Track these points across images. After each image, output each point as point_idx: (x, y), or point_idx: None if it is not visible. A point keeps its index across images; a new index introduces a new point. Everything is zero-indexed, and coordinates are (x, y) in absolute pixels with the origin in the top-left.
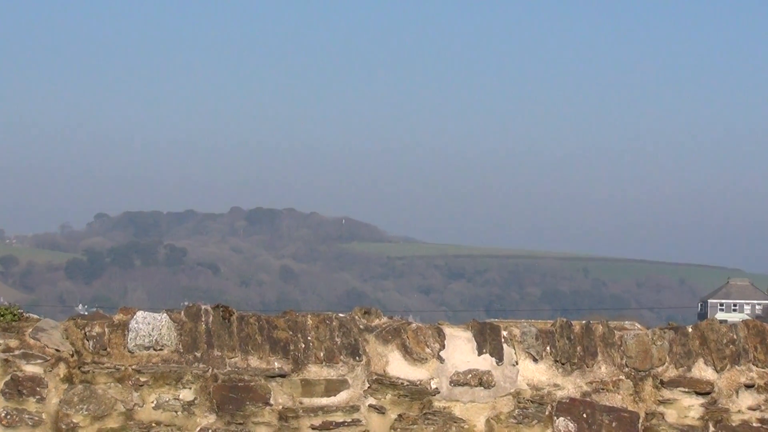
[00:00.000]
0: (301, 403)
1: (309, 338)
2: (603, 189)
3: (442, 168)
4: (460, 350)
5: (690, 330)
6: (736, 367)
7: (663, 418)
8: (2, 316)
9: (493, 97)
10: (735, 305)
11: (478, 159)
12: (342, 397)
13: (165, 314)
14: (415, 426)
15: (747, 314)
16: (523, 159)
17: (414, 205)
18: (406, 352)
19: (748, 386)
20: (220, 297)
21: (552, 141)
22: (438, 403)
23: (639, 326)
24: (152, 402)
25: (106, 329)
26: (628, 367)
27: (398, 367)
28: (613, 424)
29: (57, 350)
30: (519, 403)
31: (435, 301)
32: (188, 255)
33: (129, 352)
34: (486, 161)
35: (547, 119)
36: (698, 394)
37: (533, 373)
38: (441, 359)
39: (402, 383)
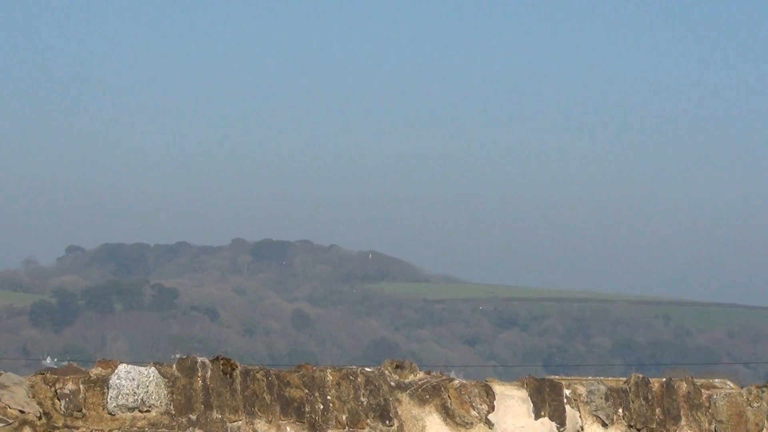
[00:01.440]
0: None
1: (328, 397)
2: (686, 220)
3: (489, 195)
4: (513, 412)
5: None
6: None
7: None
8: None
9: (552, 124)
10: None
11: (532, 185)
12: None
13: (153, 368)
14: None
15: None
16: (588, 185)
17: (456, 238)
18: (448, 414)
19: None
20: (219, 348)
21: (621, 167)
22: None
23: (731, 385)
24: None
25: (81, 386)
26: None
27: None
28: None
29: (21, 411)
30: None
31: (482, 353)
32: (180, 297)
33: (109, 414)
34: (542, 188)
35: (620, 146)
36: None
37: None
38: (490, 423)
39: None
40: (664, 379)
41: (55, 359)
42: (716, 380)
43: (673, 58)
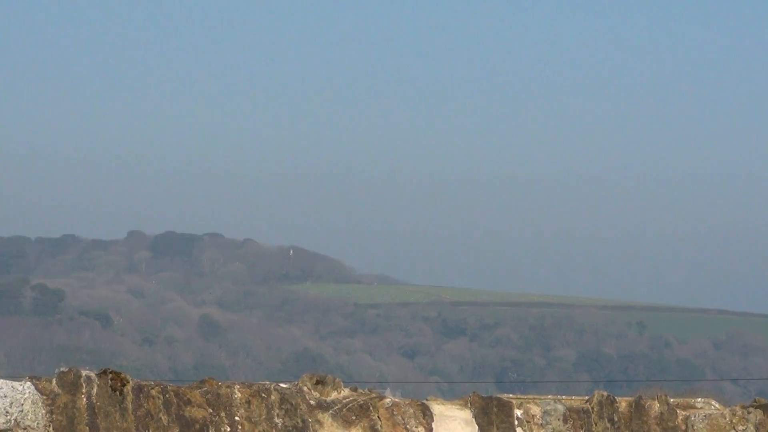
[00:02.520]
0: None
1: (237, 418)
2: (664, 212)
3: (432, 183)
4: None
5: None
6: None
7: None
8: None
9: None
10: None
11: (482, 171)
12: None
13: (29, 383)
14: None
15: None
16: (550, 170)
17: (393, 232)
18: None
19: None
20: (113, 360)
21: (586, 151)
22: None
23: (716, 404)
24: None
25: None
26: None
27: None
28: None
29: None
30: None
31: (423, 367)
32: (67, 300)
33: None
34: (494, 174)
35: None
36: None
37: None
38: None
39: None
40: (634, 398)
41: None
42: (698, 400)
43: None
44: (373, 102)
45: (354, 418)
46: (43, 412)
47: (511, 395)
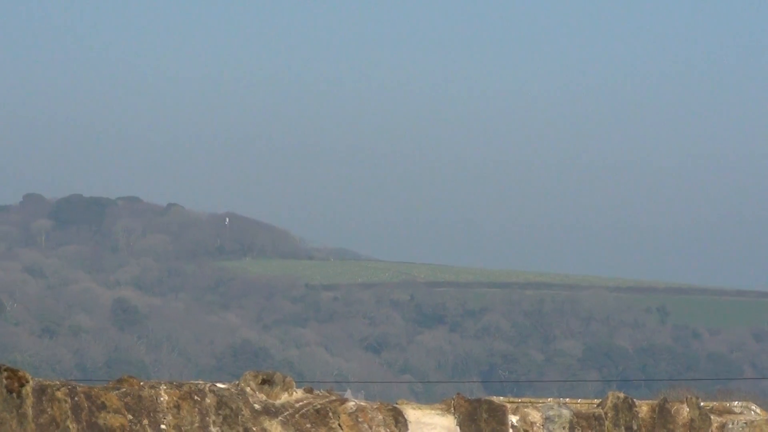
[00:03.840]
0: None
1: (163, 426)
2: (691, 179)
3: (402, 133)
4: None
5: None
6: None
7: None
8: None
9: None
10: None
11: (463, 127)
12: None
13: None
14: None
15: None
16: (550, 129)
17: (353, 197)
18: None
19: None
20: (4, 355)
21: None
22: None
23: (756, 409)
24: None
25: None
26: None
27: None
28: None
29: None
30: None
31: (393, 364)
32: None
33: None
34: (475, 119)
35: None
36: None
37: None
38: None
39: None
40: (657, 401)
41: None
42: (735, 403)
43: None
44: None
45: (309, 426)
46: None
47: (502, 398)
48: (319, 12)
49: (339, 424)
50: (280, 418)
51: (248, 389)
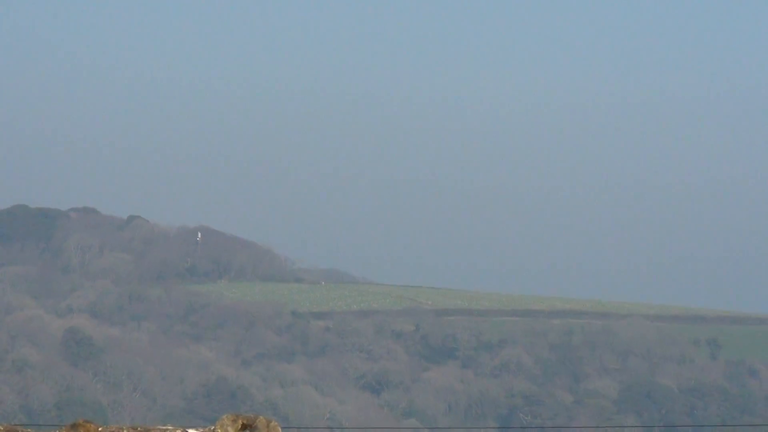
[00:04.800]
0: None
1: None
2: (745, 194)
3: (402, 145)
4: None
5: None
6: None
7: None
8: None
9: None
10: None
11: (461, 122)
12: None
13: None
14: None
15: None
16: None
17: (347, 212)
18: None
19: None
20: None
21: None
22: None
23: None
24: None
25: None
26: None
27: None
28: None
29: None
30: None
31: (395, 406)
32: None
33: None
34: (497, 135)
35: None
36: None
37: None
38: None
39: None
40: None
41: None
42: None
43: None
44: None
45: None
46: None
47: None
48: (301, 24)
49: None
50: None
51: None
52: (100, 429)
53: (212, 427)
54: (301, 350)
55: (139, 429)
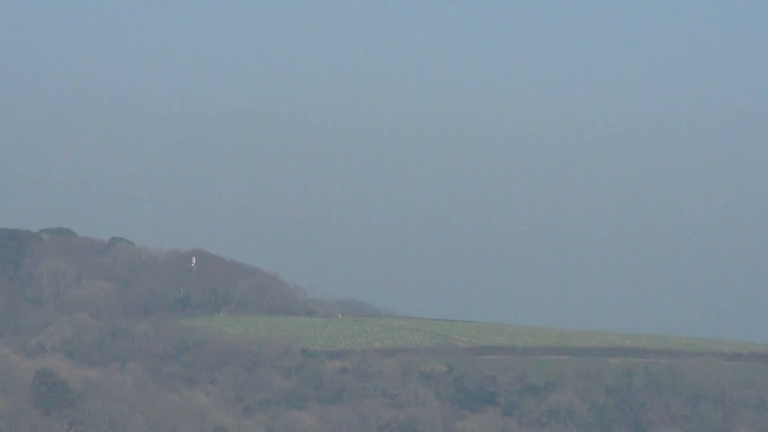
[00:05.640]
0: None
1: None
2: None
3: (431, 150)
4: None
5: None
6: None
7: None
8: None
9: None
10: None
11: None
12: None
13: None
14: None
15: None
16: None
17: (365, 233)
18: None
19: None
20: None
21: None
22: None
23: None
24: None
25: None
26: None
27: None
28: None
29: None
30: None
31: None
32: None
33: None
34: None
35: None
36: None
37: None
38: None
39: None
40: None
41: None
42: None
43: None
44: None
45: None
46: None
47: None
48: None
49: None
50: None
51: None
52: None
53: None
54: (313, 395)
55: None
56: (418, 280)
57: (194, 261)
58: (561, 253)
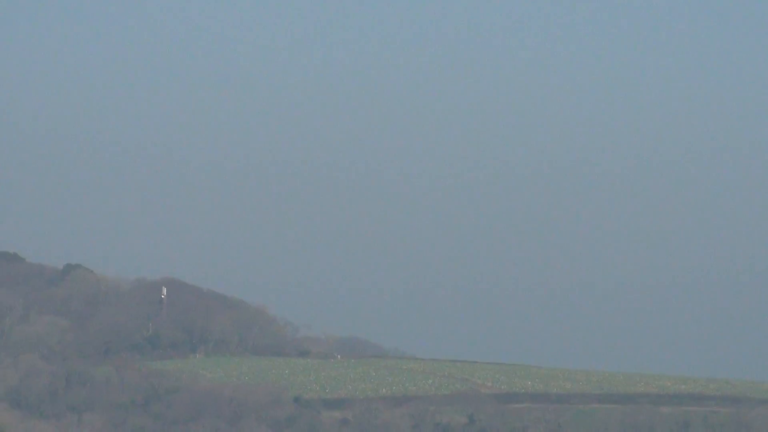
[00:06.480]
0: None
1: None
2: None
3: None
4: None
5: None
6: None
7: None
8: None
9: None
10: None
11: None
12: None
13: None
14: None
15: None
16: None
17: (372, 260)
18: None
19: None
20: None
21: None
22: None
23: None
24: None
25: None
26: None
27: None
28: None
29: None
30: None
31: None
32: None
33: None
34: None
35: None
36: None
37: None
38: None
39: None
40: None
41: None
42: None
43: None
44: None
45: None
46: None
47: None
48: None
49: None
50: None
51: None
52: None
53: None
54: None
55: None
56: (432, 315)
57: (165, 292)
58: (602, 284)
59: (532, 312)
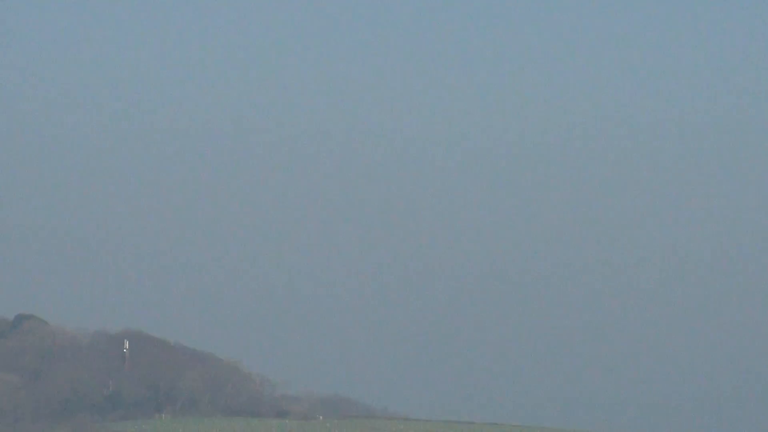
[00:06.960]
0: None
1: None
2: None
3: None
4: None
5: None
6: None
7: None
8: None
9: None
10: None
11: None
12: None
13: None
14: None
15: None
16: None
17: (358, 310)
18: None
19: None
20: None
21: None
22: None
23: None
24: None
25: None
26: None
27: None
28: None
29: None
30: None
31: None
32: None
33: None
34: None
35: None
36: None
37: None
38: None
39: None
40: None
41: None
42: None
43: None
44: None
45: None
46: None
47: None
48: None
49: None
50: None
51: None
52: None
53: None
54: None
55: None
56: (425, 370)
57: (127, 345)
58: (608, 340)
59: (535, 367)
